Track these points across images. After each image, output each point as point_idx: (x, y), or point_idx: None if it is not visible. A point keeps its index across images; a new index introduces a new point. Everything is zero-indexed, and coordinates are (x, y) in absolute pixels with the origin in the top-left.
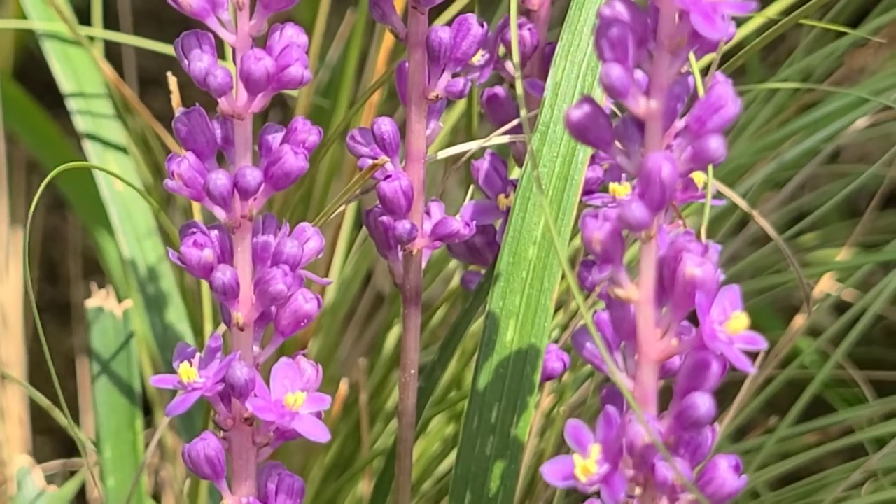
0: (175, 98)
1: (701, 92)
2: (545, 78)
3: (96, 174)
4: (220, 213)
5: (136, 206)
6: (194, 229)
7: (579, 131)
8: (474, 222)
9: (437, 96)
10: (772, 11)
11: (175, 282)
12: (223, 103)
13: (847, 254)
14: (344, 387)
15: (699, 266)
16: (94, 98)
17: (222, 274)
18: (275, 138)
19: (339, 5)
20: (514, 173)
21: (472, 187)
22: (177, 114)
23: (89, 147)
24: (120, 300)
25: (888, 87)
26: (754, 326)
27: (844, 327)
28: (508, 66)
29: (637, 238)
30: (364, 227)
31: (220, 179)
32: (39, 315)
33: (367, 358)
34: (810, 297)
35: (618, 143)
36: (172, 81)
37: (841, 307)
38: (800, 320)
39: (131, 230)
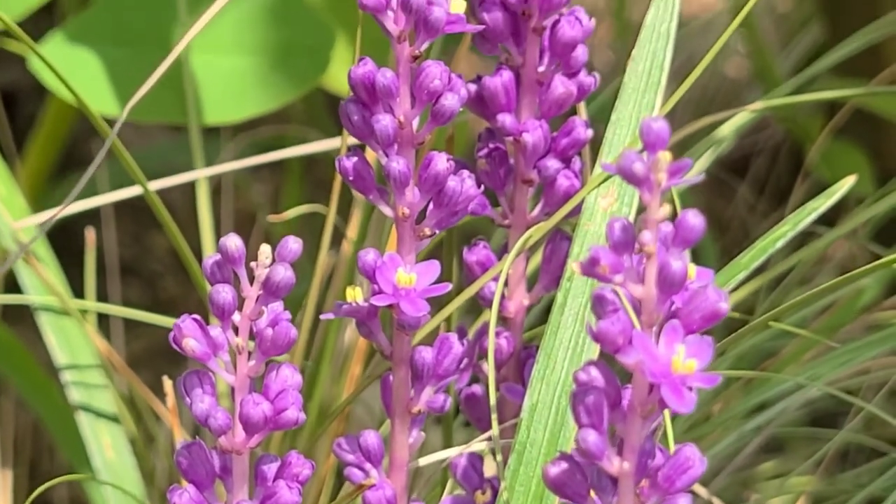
0: (172, 416)
1: (671, 450)
2: (521, 381)
3: (88, 443)
4: None
5: (127, 476)
6: None
7: (557, 486)
8: None
9: (419, 410)
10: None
11: None
12: (223, 441)
13: None
14: None
15: None
16: (87, 369)
17: None
18: (270, 469)
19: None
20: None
21: (449, 481)
22: (178, 446)
23: (83, 418)
24: None
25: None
26: None
27: None
28: (485, 367)
29: None
30: None
31: None
32: None
33: None
34: None
35: (593, 495)
36: (170, 399)
37: None
38: None
39: (123, 500)
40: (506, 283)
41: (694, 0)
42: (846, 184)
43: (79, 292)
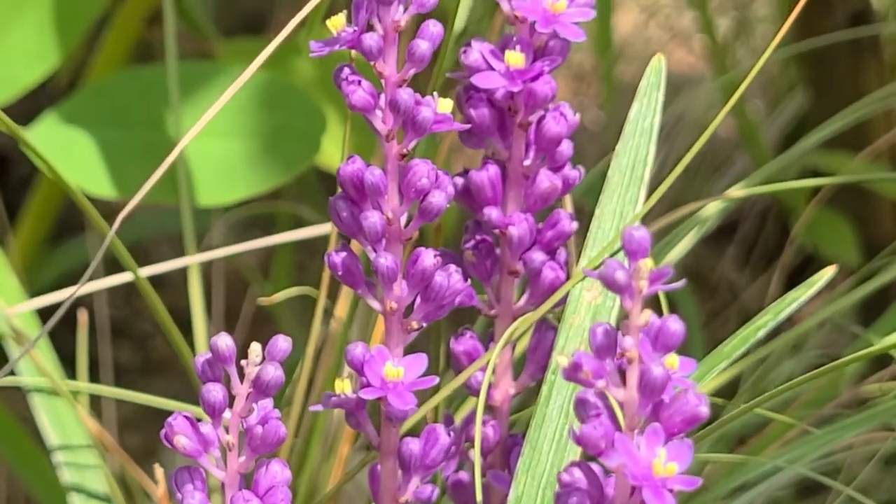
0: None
1: None
2: (507, 468)
3: None
4: None
5: None
6: None
7: None
8: None
9: (406, 501)
10: None
11: None
12: None
13: None
14: None
15: None
16: (79, 449)
17: None
18: None
19: None
20: None
21: None
22: None
23: (75, 499)
24: None
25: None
26: None
27: None
28: (472, 454)
29: None
30: None
31: None
32: None
33: None
34: None
35: None
36: (161, 487)
37: None
38: None
39: None
40: (492, 372)
41: (683, 60)
42: (826, 274)
43: (69, 355)
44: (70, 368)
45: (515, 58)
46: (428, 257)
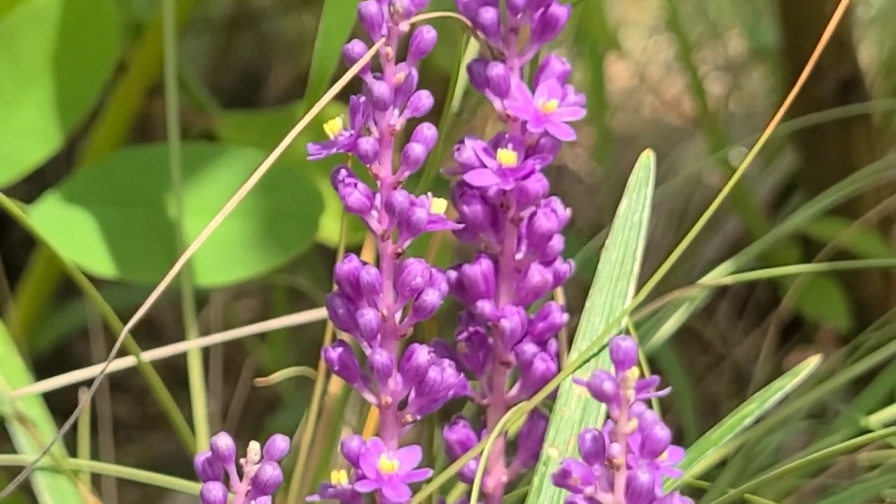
0: None
1: None
2: None
3: None
4: None
5: None
6: None
7: None
8: None
9: None
10: None
11: None
12: None
13: None
14: None
15: None
16: None
17: None
18: None
19: None
20: None
21: None
22: None
23: None
24: None
25: None
26: None
27: None
28: None
29: None
30: None
31: None
32: None
33: None
34: None
35: None
36: None
37: None
38: None
39: None
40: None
41: (674, 111)
42: (811, 363)
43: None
44: (65, 419)
45: (508, 156)
46: (422, 354)
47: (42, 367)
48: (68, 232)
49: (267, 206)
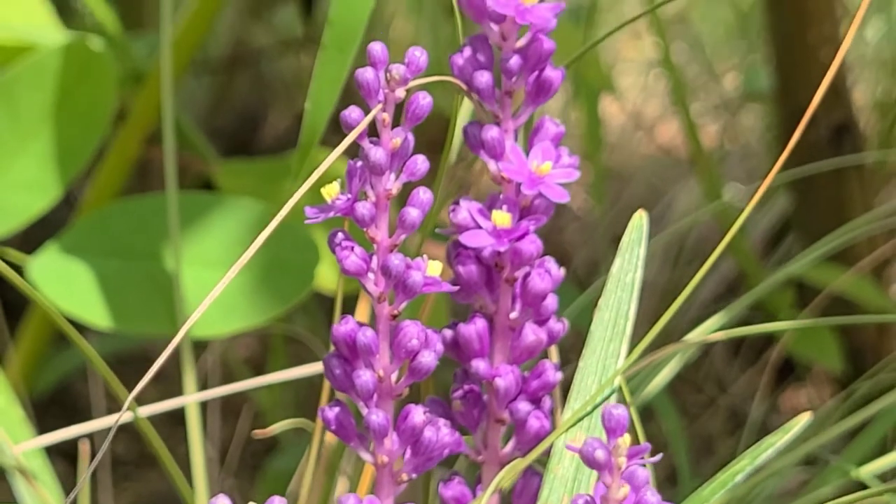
0: None
1: None
2: None
3: None
4: None
5: None
6: None
7: None
8: None
9: None
10: None
11: None
12: None
13: None
14: None
15: None
16: None
17: None
18: None
19: None
20: None
21: None
22: None
23: None
24: None
25: None
26: None
27: None
28: None
29: None
30: None
31: None
32: None
33: None
34: None
35: None
36: None
37: None
38: None
39: None
40: None
41: (670, 148)
42: (802, 420)
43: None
44: (65, 459)
45: (502, 217)
46: (417, 414)
47: (42, 406)
48: (67, 284)
49: (263, 257)
